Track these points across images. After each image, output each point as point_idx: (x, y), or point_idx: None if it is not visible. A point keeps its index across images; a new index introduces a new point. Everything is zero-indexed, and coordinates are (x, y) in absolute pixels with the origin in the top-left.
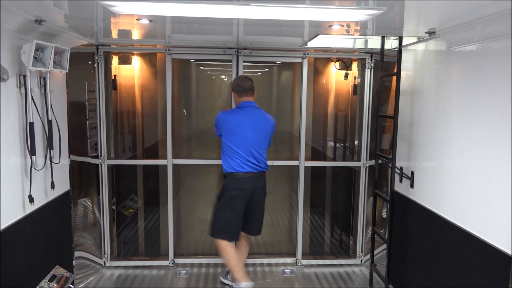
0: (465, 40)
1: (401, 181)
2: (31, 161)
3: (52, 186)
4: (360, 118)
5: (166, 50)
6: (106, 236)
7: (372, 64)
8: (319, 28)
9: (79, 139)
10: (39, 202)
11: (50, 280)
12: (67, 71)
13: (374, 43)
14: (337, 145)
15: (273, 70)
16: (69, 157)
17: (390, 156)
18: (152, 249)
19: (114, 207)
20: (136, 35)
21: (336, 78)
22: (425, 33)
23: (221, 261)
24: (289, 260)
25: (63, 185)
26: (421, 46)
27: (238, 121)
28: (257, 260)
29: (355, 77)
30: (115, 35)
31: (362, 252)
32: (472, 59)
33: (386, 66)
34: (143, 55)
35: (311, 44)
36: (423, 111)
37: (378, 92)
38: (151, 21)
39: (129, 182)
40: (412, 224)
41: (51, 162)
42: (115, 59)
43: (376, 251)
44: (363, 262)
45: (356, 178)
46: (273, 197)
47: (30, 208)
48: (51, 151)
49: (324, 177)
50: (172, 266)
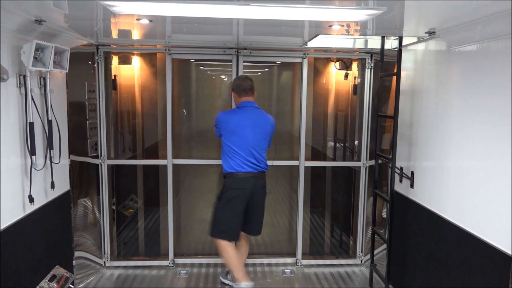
0: (465, 40)
1: (401, 181)
2: (31, 161)
3: (52, 186)
4: (360, 118)
5: (166, 50)
6: (106, 236)
7: (372, 64)
8: (319, 28)
9: (79, 139)
10: (39, 202)
11: (50, 280)
12: (67, 71)
13: (374, 43)
14: (337, 145)
15: (273, 70)
16: (69, 157)
17: (390, 156)
18: (152, 249)
19: (114, 207)
20: (136, 35)
21: (336, 78)
22: (425, 33)
23: (221, 261)
24: (289, 260)
25: (63, 185)
26: (421, 46)
27: (238, 121)
28: (257, 260)
29: (355, 77)
30: (115, 35)
31: (362, 252)
32: (472, 59)
33: (386, 66)
34: (143, 55)
35: (311, 44)
36: (423, 111)
37: (378, 92)
38: (151, 21)
39: (129, 182)
40: (412, 224)
41: (51, 162)
42: (115, 59)
43: (376, 251)
44: (363, 262)
45: (356, 178)
46: (273, 197)
47: (30, 208)
48: (51, 151)
49: (324, 177)
50: (172, 266)
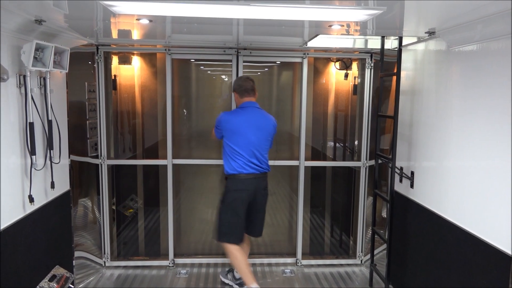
0: (465, 40)
1: (401, 181)
2: (31, 161)
3: (52, 186)
4: (360, 118)
5: (166, 50)
6: (106, 236)
7: (372, 64)
8: (319, 28)
9: (79, 139)
10: (39, 202)
11: (50, 280)
12: (67, 71)
13: (374, 43)
14: (337, 145)
15: (273, 70)
16: (69, 157)
17: (390, 156)
18: (152, 249)
19: (114, 207)
20: (136, 35)
21: (336, 78)
22: (425, 33)
23: (221, 261)
24: (289, 260)
25: (63, 185)
26: (421, 46)
27: (240, 121)
28: (257, 260)
29: (355, 77)
30: (115, 35)
31: (362, 252)
32: (472, 59)
33: (386, 66)
34: (143, 55)
35: (311, 44)
36: (423, 111)
37: (378, 92)
38: (151, 21)
39: (129, 182)
40: (412, 224)
41: (51, 162)
42: (115, 59)
43: (376, 251)
44: (363, 262)
45: (356, 178)
46: (273, 197)
47: (30, 208)
48: (51, 151)
49: (324, 177)
50: (172, 266)
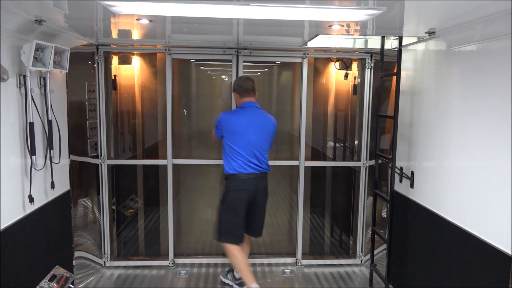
0: (465, 40)
1: (401, 181)
2: (31, 161)
3: (52, 186)
4: (360, 118)
5: (166, 50)
6: (106, 236)
7: (372, 64)
8: (319, 28)
9: (79, 139)
10: (39, 202)
11: (50, 280)
12: (67, 71)
13: (374, 43)
14: (337, 145)
15: (273, 70)
16: (69, 157)
17: (390, 156)
18: (152, 249)
19: (114, 207)
20: (136, 35)
21: (336, 78)
22: (425, 33)
23: (221, 261)
24: (289, 260)
25: (63, 185)
26: (421, 46)
27: (240, 121)
28: (257, 260)
29: (355, 77)
30: (115, 35)
31: (362, 252)
32: (472, 59)
33: (386, 66)
34: (143, 55)
35: (311, 44)
36: (423, 111)
37: (378, 92)
38: (151, 21)
39: (129, 182)
40: (412, 224)
41: (51, 162)
42: (115, 59)
43: (376, 251)
44: (363, 262)
45: (356, 178)
46: (273, 197)
47: (30, 208)
48: (51, 151)
49: (324, 177)
50: (172, 266)
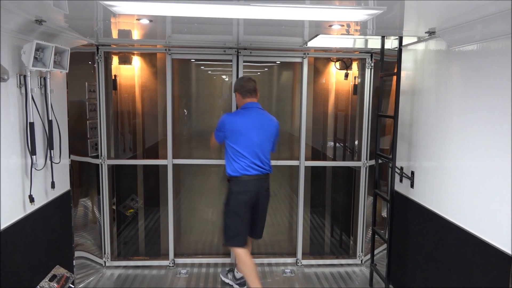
0: (465, 40)
1: (401, 181)
2: (31, 161)
3: (53, 186)
4: (360, 118)
5: (166, 50)
6: (106, 236)
7: (372, 64)
8: (319, 28)
9: (79, 139)
10: (39, 202)
11: (51, 280)
12: (67, 71)
13: (374, 43)
14: (337, 145)
15: (273, 70)
16: (70, 157)
17: (390, 156)
18: (152, 249)
19: (114, 207)
20: (136, 35)
21: (336, 78)
22: (425, 33)
23: (221, 261)
24: (289, 260)
25: (63, 185)
26: (421, 46)
27: (243, 122)
28: (257, 260)
29: (355, 77)
30: (115, 35)
31: (362, 252)
32: (472, 59)
33: (386, 66)
34: (143, 55)
35: (311, 44)
36: (423, 111)
37: (378, 92)
38: (151, 21)
39: (130, 182)
40: (412, 224)
41: (52, 162)
42: (115, 59)
43: (376, 251)
44: (363, 262)
45: (356, 178)
46: (273, 197)
47: (31, 208)
48: (52, 151)
49: (324, 177)
50: (172, 266)
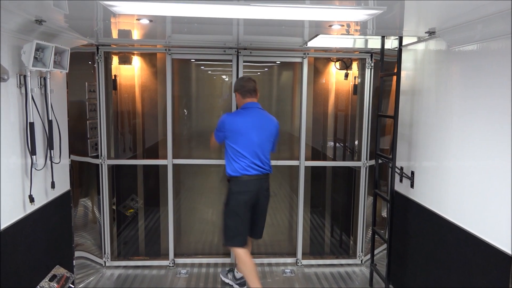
0: (465, 40)
1: (401, 181)
2: (31, 161)
3: (53, 186)
4: (360, 118)
5: (166, 50)
6: (106, 236)
7: (372, 64)
8: (319, 28)
9: (79, 139)
10: (39, 202)
11: (51, 280)
12: (67, 71)
13: (374, 43)
14: (337, 145)
15: (273, 70)
16: (70, 157)
17: (390, 156)
18: (152, 249)
19: (114, 207)
20: (136, 35)
21: (336, 78)
22: (425, 33)
23: (221, 261)
24: (289, 260)
25: (63, 185)
26: (421, 46)
27: (243, 122)
28: (257, 260)
29: (355, 77)
30: (115, 35)
31: (362, 252)
32: (472, 59)
33: (386, 66)
34: (143, 55)
35: (311, 44)
36: (423, 111)
37: (378, 92)
38: (151, 21)
39: (130, 182)
40: (412, 224)
41: (52, 162)
42: (115, 59)
43: (376, 251)
44: (363, 262)
45: (356, 178)
46: (273, 197)
47: (31, 208)
48: (52, 151)
49: (324, 177)
50: (172, 266)
